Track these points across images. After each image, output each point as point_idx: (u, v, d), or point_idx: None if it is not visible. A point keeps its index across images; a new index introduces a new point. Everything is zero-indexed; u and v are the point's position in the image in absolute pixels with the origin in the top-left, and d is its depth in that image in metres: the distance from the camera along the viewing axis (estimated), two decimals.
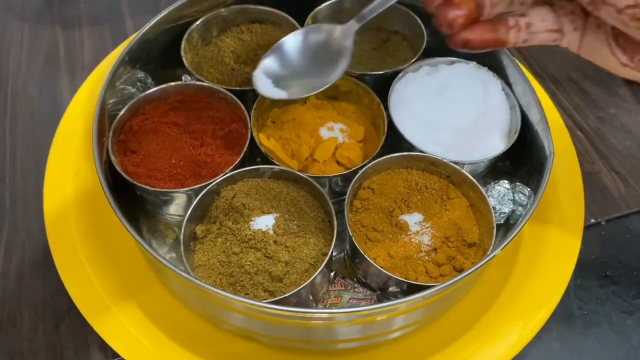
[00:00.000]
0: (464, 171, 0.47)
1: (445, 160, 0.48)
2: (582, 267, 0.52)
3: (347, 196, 0.46)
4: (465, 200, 0.48)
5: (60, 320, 0.49)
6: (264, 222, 0.44)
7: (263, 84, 0.47)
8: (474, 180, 0.47)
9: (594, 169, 0.59)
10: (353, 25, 0.45)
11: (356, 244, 0.44)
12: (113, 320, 0.46)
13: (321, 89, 0.46)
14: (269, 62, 0.48)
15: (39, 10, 0.73)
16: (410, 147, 0.49)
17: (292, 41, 0.48)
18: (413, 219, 0.47)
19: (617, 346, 0.49)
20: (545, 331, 0.48)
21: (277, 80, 0.48)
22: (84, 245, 0.50)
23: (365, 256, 0.43)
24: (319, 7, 0.57)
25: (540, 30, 0.34)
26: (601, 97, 0.64)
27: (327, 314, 0.40)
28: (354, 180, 0.46)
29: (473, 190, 0.47)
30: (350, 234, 0.44)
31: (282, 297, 0.41)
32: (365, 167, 0.47)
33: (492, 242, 0.44)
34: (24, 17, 0.72)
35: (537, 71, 0.66)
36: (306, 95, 0.48)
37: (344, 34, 0.46)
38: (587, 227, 0.54)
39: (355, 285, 0.47)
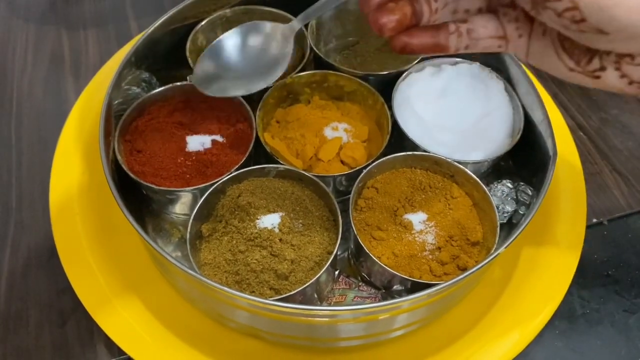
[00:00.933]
0: (467, 171, 0.48)
1: (448, 160, 0.48)
2: (584, 267, 0.52)
3: (351, 195, 0.46)
4: (468, 200, 0.48)
5: (67, 319, 0.49)
6: (270, 221, 0.44)
7: (201, 80, 0.47)
8: (478, 179, 0.47)
9: (595, 169, 0.59)
10: (295, 25, 0.44)
11: (361, 243, 0.44)
12: (118, 317, 0.46)
13: (258, 89, 0.47)
14: (207, 59, 0.47)
15: (43, 11, 0.74)
16: (414, 147, 0.49)
17: (230, 40, 0.47)
18: (417, 218, 0.47)
19: (619, 345, 0.49)
20: (547, 330, 0.48)
21: (216, 77, 0.47)
22: (89, 244, 0.50)
23: (370, 255, 0.44)
24: None
25: (483, 37, 0.34)
26: (603, 98, 0.65)
27: (332, 312, 0.41)
28: (358, 180, 0.47)
29: (476, 189, 0.47)
30: (355, 232, 0.45)
31: (287, 294, 0.41)
32: (370, 167, 0.47)
33: (496, 241, 0.45)
34: (28, 18, 0.73)
35: (539, 72, 0.66)
36: (243, 94, 0.48)
37: (285, 33, 0.45)
38: (589, 227, 0.54)
39: (360, 283, 0.47)
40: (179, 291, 0.48)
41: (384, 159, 0.48)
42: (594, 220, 0.55)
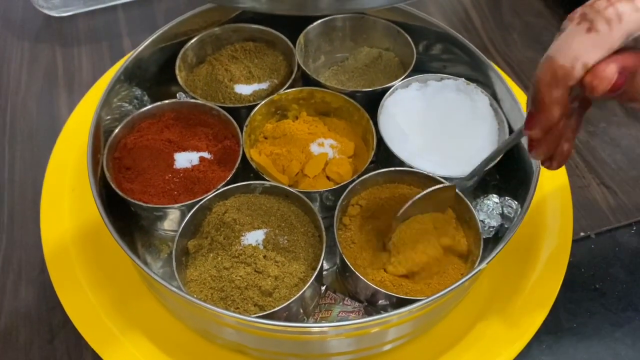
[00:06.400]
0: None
1: (434, 176, 0.48)
2: (571, 280, 0.52)
3: (335, 213, 0.46)
4: (453, 214, 0.49)
5: (55, 335, 0.49)
6: (254, 238, 0.45)
7: None
8: (462, 194, 0.47)
9: (583, 182, 0.59)
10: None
11: (346, 260, 0.44)
12: (107, 334, 0.46)
13: None
14: None
15: (38, 28, 0.75)
16: (400, 163, 0.50)
17: None
18: None
19: (605, 359, 0.49)
20: (534, 344, 0.48)
21: None
22: (79, 261, 0.50)
23: (355, 271, 0.44)
24: (311, 26, 0.59)
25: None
26: (591, 111, 0.65)
27: (317, 328, 0.41)
28: (342, 198, 0.47)
29: (461, 204, 0.48)
30: (340, 250, 0.45)
31: (271, 311, 0.41)
32: (354, 184, 0.48)
33: (480, 255, 0.45)
34: (23, 35, 0.74)
35: (527, 85, 0.67)
36: None
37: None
38: (576, 241, 0.54)
39: (345, 298, 0.48)
40: (167, 308, 0.48)
41: (368, 175, 0.48)
42: (582, 233, 0.56)
